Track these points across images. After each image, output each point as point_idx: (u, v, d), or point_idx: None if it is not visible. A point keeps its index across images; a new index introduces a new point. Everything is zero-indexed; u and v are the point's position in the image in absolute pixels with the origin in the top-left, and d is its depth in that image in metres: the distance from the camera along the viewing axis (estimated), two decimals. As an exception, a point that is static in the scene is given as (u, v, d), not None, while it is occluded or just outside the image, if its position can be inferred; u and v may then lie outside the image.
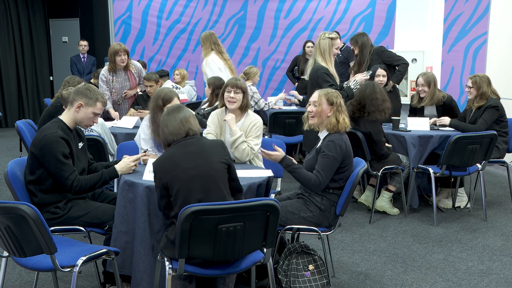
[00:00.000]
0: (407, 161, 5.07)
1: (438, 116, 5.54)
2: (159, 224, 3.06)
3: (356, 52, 6.03)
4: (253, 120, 3.94)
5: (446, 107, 5.55)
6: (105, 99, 3.43)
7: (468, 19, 8.30)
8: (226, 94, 3.90)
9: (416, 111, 5.72)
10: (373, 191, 5.12)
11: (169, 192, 2.83)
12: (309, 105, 3.60)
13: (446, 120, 5.31)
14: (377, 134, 4.88)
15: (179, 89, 6.97)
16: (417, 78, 5.57)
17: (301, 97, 7.24)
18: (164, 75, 7.49)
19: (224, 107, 4.01)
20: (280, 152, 3.47)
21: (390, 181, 5.18)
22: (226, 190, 2.87)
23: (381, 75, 5.60)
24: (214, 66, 6.14)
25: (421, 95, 5.54)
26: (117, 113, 5.83)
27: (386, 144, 5.04)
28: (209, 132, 3.97)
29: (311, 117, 3.57)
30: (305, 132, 5.07)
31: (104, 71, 5.96)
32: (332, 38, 4.85)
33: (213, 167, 2.84)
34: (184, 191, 2.77)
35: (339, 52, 4.93)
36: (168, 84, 7.02)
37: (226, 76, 6.04)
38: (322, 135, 3.56)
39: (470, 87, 5.29)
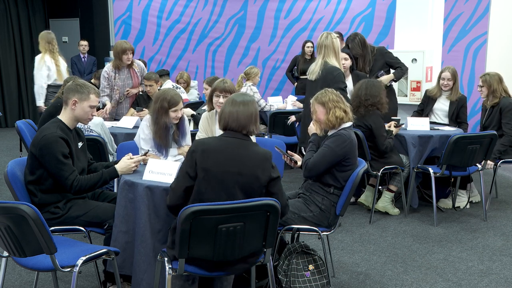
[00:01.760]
0: (407, 160, 5.08)
1: (449, 110, 5.56)
2: (160, 224, 3.05)
3: (359, 57, 5.87)
4: None
5: (459, 105, 5.57)
6: (97, 90, 3.42)
7: (468, 19, 8.29)
8: (215, 98, 3.77)
9: (428, 100, 5.70)
10: (373, 191, 5.12)
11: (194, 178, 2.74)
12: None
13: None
14: (378, 128, 4.87)
15: (179, 89, 6.94)
16: (442, 72, 5.56)
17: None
18: (164, 74, 7.35)
19: (213, 110, 3.89)
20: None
21: (391, 181, 5.18)
22: None
23: (343, 58, 5.39)
24: (40, 65, 6.69)
25: (445, 89, 5.55)
26: (109, 106, 5.81)
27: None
28: (201, 135, 3.93)
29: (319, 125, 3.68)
30: (302, 128, 5.12)
31: (107, 68, 5.96)
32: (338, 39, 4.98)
33: (251, 181, 2.76)
34: (211, 192, 2.72)
35: None
36: (168, 84, 6.95)
37: (52, 76, 6.79)
38: (330, 132, 3.61)
39: (482, 86, 5.36)
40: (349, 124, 3.57)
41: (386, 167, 4.90)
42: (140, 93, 6.14)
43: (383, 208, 5.15)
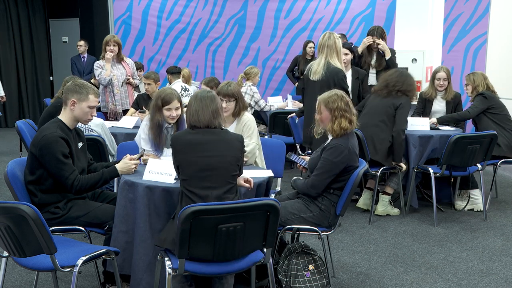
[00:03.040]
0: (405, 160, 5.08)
1: (447, 110, 5.59)
2: (160, 224, 3.05)
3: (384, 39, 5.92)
4: (244, 119, 3.91)
5: (455, 103, 5.60)
6: (96, 90, 3.42)
7: (468, 19, 8.30)
8: None
9: (425, 102, 5.71)
10: (371, 194, 5.11)
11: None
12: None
13: (433, 120, 5.41)
14: (403, 111, 4.84)
15: (188, 91, 6.80)
16: (436, 73, 5.56)
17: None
18: (174, 72, 7.05)
19: None
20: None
21: (388, 182, 5.17)
22: (230, 186, 2.88)
23: (344, 53, 5.35)
24: None
25: (440, 89, 5.57)
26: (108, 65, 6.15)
27: (402, 165, 4.95)
28: None
29: (318, 124, 3.61)
30: (304, 128, 5.11)
31: (98, 61, 6.30)
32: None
33: (229, 161, 2.88)
34: (193, 180, 2.81)
35: None
36: (177, 84, 6.76)
37: None
38: (330, 137, 3.57)
39: (467, 85, 5.48)
40: None
41: (384, 167, 4.89)
42: (136, 92, 6.25)
43: (383, 212, 5.13)
